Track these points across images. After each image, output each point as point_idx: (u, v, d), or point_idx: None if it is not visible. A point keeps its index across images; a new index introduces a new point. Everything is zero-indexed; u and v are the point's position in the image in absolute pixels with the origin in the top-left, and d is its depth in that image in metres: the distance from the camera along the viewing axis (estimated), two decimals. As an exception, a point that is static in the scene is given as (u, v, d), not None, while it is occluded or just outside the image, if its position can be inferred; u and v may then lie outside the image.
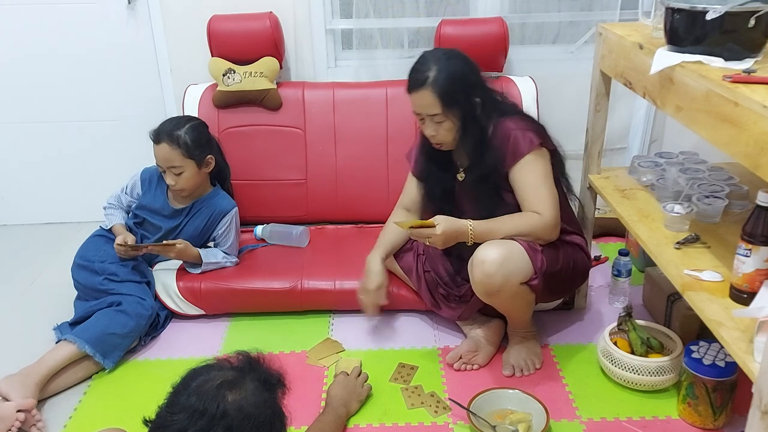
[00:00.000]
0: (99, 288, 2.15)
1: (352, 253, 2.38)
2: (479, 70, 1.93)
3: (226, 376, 1.17)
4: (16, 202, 3.05)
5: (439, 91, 1.82)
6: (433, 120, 1.87)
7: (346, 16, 2.80)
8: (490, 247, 1.81)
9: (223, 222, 2.34)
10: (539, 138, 1.88)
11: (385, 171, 2.63)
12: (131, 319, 2.06)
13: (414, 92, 1.87)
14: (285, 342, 2.18)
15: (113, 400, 1.94)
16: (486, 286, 1.82)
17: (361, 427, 1.80)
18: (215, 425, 1.11)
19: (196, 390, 1.15)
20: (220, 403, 1.12)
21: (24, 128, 2.93)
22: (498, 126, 1.90)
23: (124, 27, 2.77)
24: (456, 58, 1.88)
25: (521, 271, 1.82)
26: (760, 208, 1.35)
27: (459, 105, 1.85)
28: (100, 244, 2.28)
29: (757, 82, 1.26)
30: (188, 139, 2.19)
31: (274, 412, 1.21)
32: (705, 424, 1.75)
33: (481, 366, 2.01)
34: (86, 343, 1.97)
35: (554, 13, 2.82)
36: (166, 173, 2.21)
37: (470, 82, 1.88)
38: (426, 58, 1.88)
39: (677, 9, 1.48)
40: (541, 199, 1.85)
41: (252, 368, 1.22)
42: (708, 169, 1.98)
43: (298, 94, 2.67)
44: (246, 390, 1.16)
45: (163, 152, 2.18)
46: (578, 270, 2.00)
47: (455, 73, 1.84)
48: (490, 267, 1.78)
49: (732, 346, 1.30)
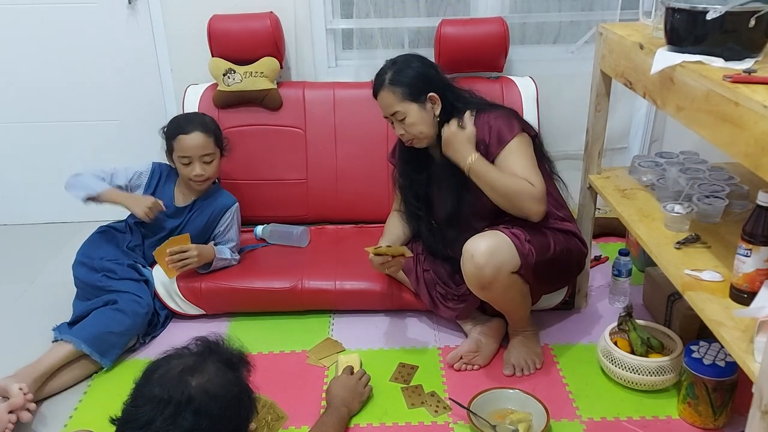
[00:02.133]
0: (97, 285, 2.16)
1: (352, 253, 2.39)
2: (438, 69, 2.03)
3: (187, 363, 1.18)
4: (16, 202, 3.05)
5: (394, 88, 1.93)
6: (396, 118, 1.96)
7: (347, 15, 2.80)
8: (478, 240, 1.84)
9: (225, 218, 2.35)
10: (520, 124, 1.95)
11: (385, 171, 2.62)
12: (127, 317, 2.06)
13: (377, 96, 1.99)
14: (285, 342, 2.18)
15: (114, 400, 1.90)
16: (478, 279, 1.84)
17: (361, 426, 1.80)
18: (183, 411, 1.11)
19: (158, 380, 1.15)
20: (184, 389, 1.13)
21: (24, 128, 2.93)
22: (477, 117, 1.96)
23: (124, 27, 2.77)
24: (411, 59, 1.99)
25: (510, 260, 1.83)
26: (761, 208, 1.35)
27: (416, 98, 1.94)
28: (101, 242, 2.29)
29: (757, 82, 1.26)
30: (216, 128, 2.26)
31: (241, 389, 1.22)
32: (705, 424, 1.75)
33: (482, 366, 2.01)
34: (83, 342, 1.97)
35: (554, 13, 2.82)
36: (193, 164, 2.21)
37: (427, 78, 1.96)
38: (384, 66, 2.00)
39: (678, 9, 1.48)
40: (531, 174, 1.88)
41: (212, 351, 1.23)
42: (708, 169, 1.97)
43: (299, 94, 2.67)
44: (208, 372, 1.17)
45: (196, 140, 2.20)
46: (573, 257, 2.01)
47: (408, 70, 1.95)
48: (479, 258, 1.81)
49: (732, 346, 1.30)
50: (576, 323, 2.23)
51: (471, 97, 2.05)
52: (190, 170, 2.22)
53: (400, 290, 2.23)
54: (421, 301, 2.18)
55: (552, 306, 2.20)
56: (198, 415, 1.11)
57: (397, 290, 2.23)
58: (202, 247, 2.23)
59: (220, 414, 1.14)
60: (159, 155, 2.89)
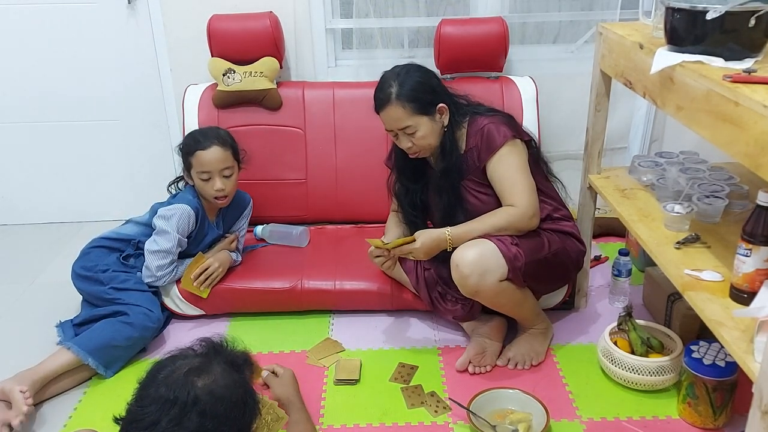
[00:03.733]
0: (104, 297, 2.12)
1: (352, 253, 2.39)
2: (438, 77, 2.01)
3: (192, 364, 1.18)
4: (16, 202, 3.05)
5: (403, 103, 1.90)
6: (405, 132, 1.94)
7: (346, 15, 2.80)
8: (464, 250, 1.86)
9: (244, 215, 2.44)
10: (512, 130, 1.94)
11: (385, 171, 2.61)
12: (136, 331, 2.04)
13: (382, 111, 1.95)
14: (285, 342, 2.18)
15: (113, 401, 1.93)
16: (464, 288, 1.88)
17: (361, 426, 1.80)
18: (188, 412, 1.11)
19: (164, 381, 1.15)
20: (190, 390, 1.13)
21: (24, 128, 2.93)
22: (471, 123, 1.97)
23: (124, 27, 2.77)
24: (414, 70, 1.96)
25: (496, 269, 1.84)
26: (761, 207, 1.35)
27: (426, 111, 1.92)
28: (101, 255, 2.21)
29: (757, 82, 1.26)
30: (232, 141, 2.25)
31: (245, 391, 1.22)
32: (705, 424, 1.75)
33: (492, 366, 2.01)
34: (89, 355, 1.96)
35: (554, 12, 2.82)
36: (214, 179, 2.18)
37: (432, 88, 1.95)
38: (386, 77, 1.96)
39: (677, 9, 1.48)
40: (518, 190, 1.89)
41: (217, 352, 1.23)
42: (708, 168, 1.97)
43: (298, 93, 2.67)
44: (214, 374, 1.17)
45: (216, 154, 2.17)
46: (570, 256, 2.01)
47: (415, 83, 1.92)
48: (464, 269, 1.83)
49: (732, 346, 1.30)
50: (576, 323, 2.23)
51: (467, 103, 2.05)
52: (211, 186, 2.19)
53: (400, 290, 2.23)
54: (421, 301, 2.18)
55: (552, 306, 2.20)
56: (203, 416, 1.12)
57: (397, 290, 2.23)
58: (218, 257, 2.25)
59: (225, 415, 1.14)
60: (159, 155, 2.93)
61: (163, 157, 2.92)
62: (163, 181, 2.36)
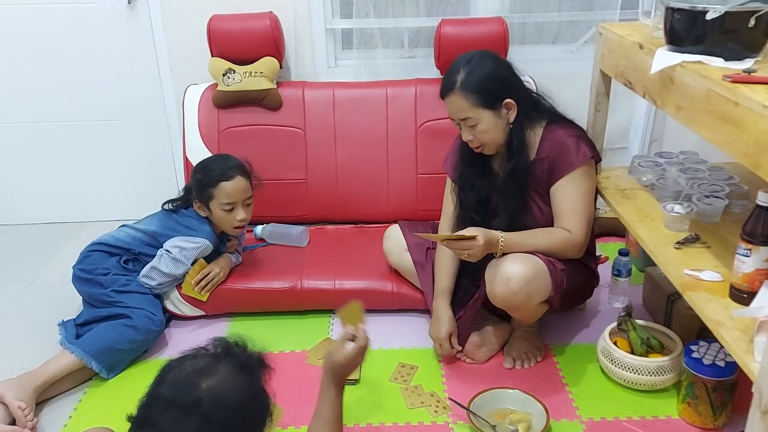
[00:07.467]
0: (106, 300, 2.11)
1: (352, 253, 2.39)
2: (512, 69, 1.89)
3: (199, 364, 1.16)
4: (17, 202, 3.05)
5: (466, 93, 1.79)
6: (466, 124, 1.84)
7: (346, 15, 2.80)
8: (516, 264, 1.77)
9: None
10: (591, 151, 1.85)
11: (385, 171, 2.63)
12: (139, 334, 2.04)
13: (445, 98, 1.85)
14: (285, 342, 2.18)
15: (113, 401, 1.94)
16: (507, 302, 1.83)
17: (361, 426, 1.80)
18: (189, 415, 1.10)
19: (171, 381, 1.15)
20: (193, 392, 1.11)
21: (24, 128, 2.92)
22: (547, 131, 1.87)
23: (124, 27, 2.77)
24: (487, 59, 1.84)
25: (543, 291, 1.82)
26: (760, 207, 1.35)
27: (491, 105, 1.81)
28: (101, 258, 2.18)
29: (757, 82, 1.27)
30: (250, 168, 2.25)
31: (255, 393, 1.19)
32: (705, 424, 1.75)
33: (479, 363, 2.01)
34: (92, 359, 1.96)
35: (554, 12, 2.82)
36: (237, 209, 2.18)
37: (501, 82, 1.83)
38: (457, 62, 1.85)
39: (677, 9, 1.48)
40: (578, 217, 1.84)
41: (227, 353, 1.21)
42: (708, 168, 1.98)
43: (298, 93, 2.67)
44: (219, 376, 1.15)
45: (240, 185, 2.17)
46: (588, 288, 2.07)
47: (485, 73, 1.81)
48: (514, 285, 1.76)
49: (732, 346, 1.30)
50: (576, 323, 2.23)
51: (544, 101, 1.93)
52: (234, 216, 2.18)
53: (400, 290, 2.23)
54: (421, 300, 2.18)
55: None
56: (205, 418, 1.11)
57: (397, 290, 2.23)
58: (218, 261, 2.25)
59: (228, 418, 1.13)
60: (159, 155, 2.92)
61: (163, 157, 2.92)
62: (163, 181, 2.35)
